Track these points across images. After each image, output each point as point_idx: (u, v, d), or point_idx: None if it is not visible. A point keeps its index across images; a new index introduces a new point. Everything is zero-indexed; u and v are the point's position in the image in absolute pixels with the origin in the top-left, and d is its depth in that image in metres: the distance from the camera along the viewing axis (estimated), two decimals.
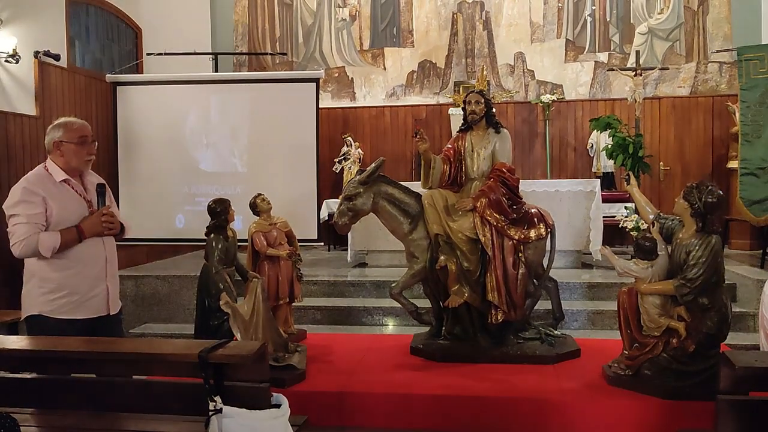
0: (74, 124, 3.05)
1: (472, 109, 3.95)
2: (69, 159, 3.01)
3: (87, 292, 3.00)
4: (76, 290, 2.97)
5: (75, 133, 3.01)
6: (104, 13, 7.26)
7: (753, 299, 4.93)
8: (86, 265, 2.99)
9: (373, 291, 5.65)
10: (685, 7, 8.14)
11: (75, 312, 2.97)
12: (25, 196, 2.92)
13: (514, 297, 3.73)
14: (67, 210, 2.96)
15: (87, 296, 3.00)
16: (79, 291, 2.98)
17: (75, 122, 3.07)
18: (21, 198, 2.92)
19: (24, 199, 2.92)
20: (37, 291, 2.97)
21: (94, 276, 3.02)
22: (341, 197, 3.88)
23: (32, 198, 2.91)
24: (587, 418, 3.08)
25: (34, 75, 6.02)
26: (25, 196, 2.92)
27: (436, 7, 8.62)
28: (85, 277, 2.99)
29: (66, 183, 3.01)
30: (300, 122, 6.65)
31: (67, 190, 3.01)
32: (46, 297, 2.95)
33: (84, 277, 2.99)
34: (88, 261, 3.00)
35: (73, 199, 3.01)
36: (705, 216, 3.05)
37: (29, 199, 2.91)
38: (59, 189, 2.98)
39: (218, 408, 1.99)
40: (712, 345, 3.10)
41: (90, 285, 3.00)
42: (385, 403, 3.23)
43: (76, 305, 2.98)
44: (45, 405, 2.29)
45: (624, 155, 6.65)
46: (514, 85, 8.48)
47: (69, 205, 2.97)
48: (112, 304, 3.09)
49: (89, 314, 3.00)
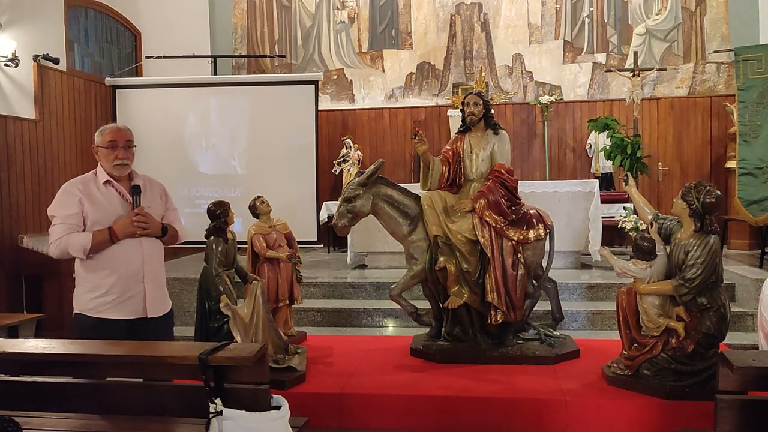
0: (106, 129, 3.10)
1: (471, 110, 3.96)
2: (102, 163, 3.07)
3: (123, 293, 3.00)
4: (112, 290, 2.99)
5: (105, 138, 3.06)
6: (103, 16, 7.27)
7: (752, 299, 4.94)
8: (121, 266, 3.00)
9: (373, 292, 5.66)
10: (682, 8, 8.16)
11: (112, 312, 2.99)
12: (63, 197, 3.01)
13: (513, 298, 3.74)
14: (106, 211, 2.99)
15: (123, 297, 3.00)
16: (114, 291, 2.99)
17: (109, 127, 3.13)
18: (59, 199, 3.02)
19: (61, 200, 3.01)
20: (81, 290, 3.04)
21: (129, 277, 3.01)
22: (341, 199, 3.88)
23: (68, 199, 2.99)
24: (587, 418, 3.08)
25: (34, 78, 6.03)
26: (63, 197, 3.01)
27: (434, 9, 8.64)
28: (119, 278, 3.00)
29: (109, 185, 3.04)
30: (299, 124, 6.66)
31: (110, 191, 3.04)
32: (87, 296, 3.01)
33: (118, 277, 3.00)
34: (123, 262, 3.00)
35: (114, 200, 3.03)
36: (703, 216, 3.06)
37: (65, 200, 2.99)
38: (101, 190, 3.02)
39: (218, 410, 1.99)
40: (710, 345, 3.11)
41: (125, 286, 3.01)
42: (385, 405, 3.24)
43: (113, 305, 2.99)
44: (47, 408, 2.30)
45: (622, 156, 6.66)
46: (513, 87, 8.49)
47: (107, 206, 3.00)
48: (151, 307, 3.06)
49: (126, 315, 3.00)
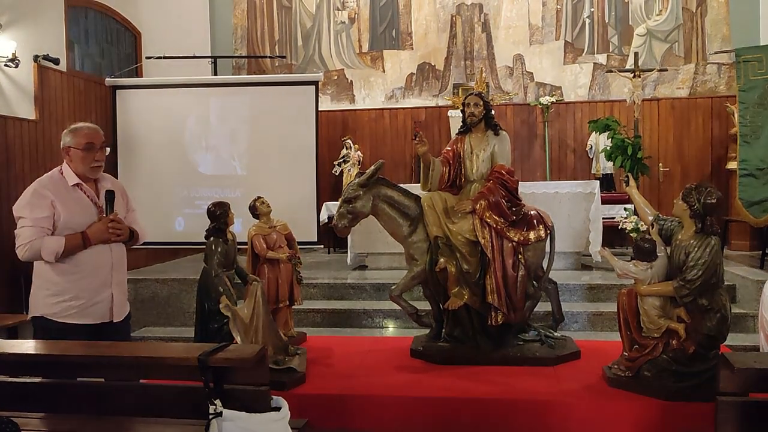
0: (82, 130, 3.02)
1: (471, 111, 3.95)
2: (76, 165, 3.00)
3: (91, 297, 2.98)
4: (80, 295, 2.96)
5: (82, 140, 2.99)
6: (103, 16, 7.27)
7: (753, 300, 4.94)
8: (91, 271, 2.97)
9: (373, 293, 5.66)
10: (683, 9, 8.16)
11: (78, 317, 2.96)
12: (34, 198, 2.92)
13: (513, 299, 3.73)
14: (76, 215, 2.95)
15: (91, 302, 2.98)
16: (82, 296, 2.96)
17: (83, 128, 3.04)
18: (29, 200, 2.92)
19: (32, 201, 2.91)
20: (42, 293, 2.97)
21: (99, 282, 3.00)
22: (341, 200, 3.88)
23: (40, 201, 2.91)
24: (587, 419, 3.07)
25: (34, 79, 6.03)
26: (34, 198, 2.92)
27: (434, 9, 8.64)
28: (89, 283, 2.97)
29: (78, 187, 3.00)
30: (299, 125, 6.66)
31: (78, 194, 3.00)
32: (51, 300, 2.94)
33: (88, 282, 2.97)
34: (94, 267, 2.98)
35: (83, 204, 3.00)
36: (704, 217, 3.05)
37: (37, 202, 2.90)
38: (70, 193, 2.97)
39: (218, 411, 1.99)
40: (711, 346, 3.10)
41: (94, 291, 2.99)
42: (385, 406, 3.23)
43: (80, 310, 2.97)
44: (46, 409, 2.29)
45: (623, 157, 6.66)
46: (513, 87, 8.49)
47: (78, 209, 2.96)
48: (116, 311, 3.07)
49: (92, 320, 2.99)
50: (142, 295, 5.76)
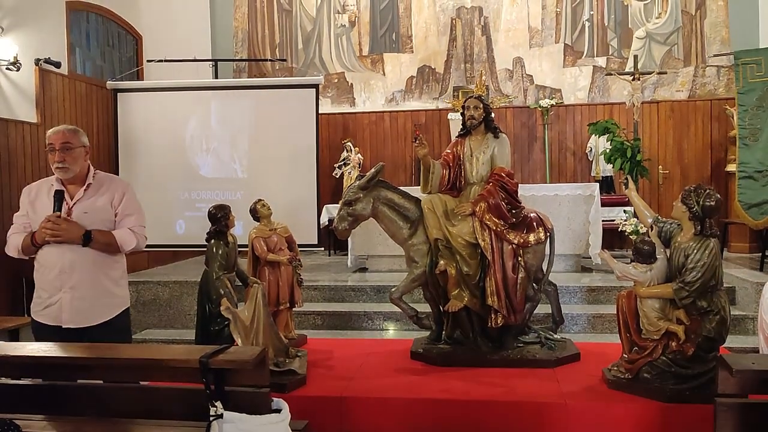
0: (49, 131, 3.09)
1: (471, 114, 3.96)
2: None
3: (46, 298, 3.03)
4: (40, 294, 3.05)
5: (47, 141, 3.06)
6: (105, 20, 7.29)
7: (752, 302, 4.94)
8: (45, 271, 3.03)
9: (374, 296, 5.66)
10: (682, 12, 8.18)
11: (40, 315, 3.04)
12: (21, 198, 3.13)
13: (513, 301, 3.74)
14: (41, 215, 3.00)
15: (46, 302, 3.03)
16: (41, 295, 3.05)
17: (52, 129, 3.11)
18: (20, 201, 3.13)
19: (20, 201, 3.13)
20: None
21: (50, 283, 3.02)
22: (341, 202, 3.89)
23: (21, 200, 3.12)
24: (587, 421, 3.08)
25: (35, 82, 6.05)
26: (21, 198, 3.13)
27: (434, 12, 8.66)
28: (44, 283, 3.02)
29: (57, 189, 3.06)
30: (300, 128, 6.68)
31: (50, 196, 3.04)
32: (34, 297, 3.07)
33: (44, 282, 3.03)
34: (46, 267, 3.03)
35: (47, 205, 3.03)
36: (703, 219, 3.05)
37: (21, 202, 3.12)
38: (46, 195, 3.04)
39: (219, 413, 2.00)
40: (711, 348, 3.10)
41: (48, 292, 3.02)
42: (385, 408, 3.23)
43: (41, 309, 3.04)
44: (47, 411, 2.30)
45: (622, 159, 6.67)
46: (513, 90, 8.51)
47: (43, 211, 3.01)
48: (68, 317, 3.00)
49: (47, 321, 3.02)
50: (144, 298, 5.78)
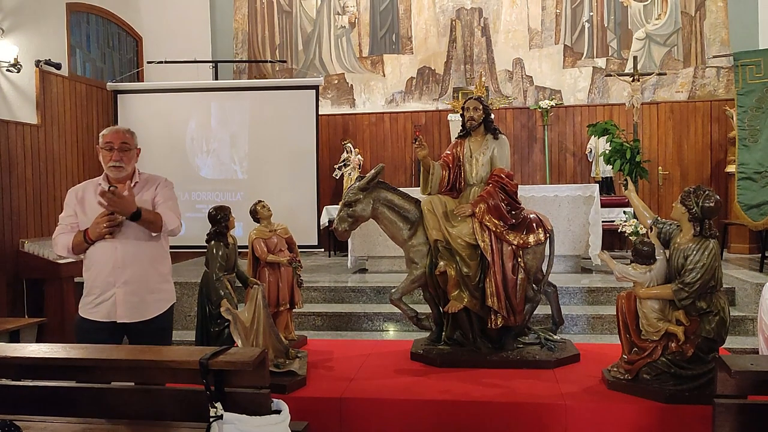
0: (105, 131, 3.19)
1: (471, 115, 3.97)
2: (102, 164, 3.15)
3: (99, 294, 3.08)
4: (91, 291, 3.10)
5: (103, 139, 3.14)
6: (105, 21, 7.30)
7: (752, 303, 4.95)
8: (97, 268, 3.09)
9: (373, 297, 5.67)
10: (682, 13, 8.19)
11: (91, 312, 3.09)
12: (66, 200, 3.18)
13: (513, 302, 3.74)
14: (91, 214, 3.06)
15: (99, 299, 3.08)
16: (92, 293, 3.10)
17: (109, 129, 3.20)
18: (65, 203, 3.18)
19: (65, 203, 3.18)
20: None
21: (104, 280, 3.08)
22: (341, 203, 3.89)
23: (67, 202, 3.17)
24: (587, 422, 3.08)
25: (36, 84, 6.06)
26: (66, 200, 3.18)
27: (434, 14, 8.67)
28: (97, 280, 3.08)
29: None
30: (300, 129, 6.68)
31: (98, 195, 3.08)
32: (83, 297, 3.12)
33: (96, 279, 3.08)
34: (99, 264, 3.08)
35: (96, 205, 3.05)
36: (702, 220, 3.06)
37: (66, 204, 3.17)
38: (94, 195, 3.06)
39: (219, 414, 2.00)
40: (710, 349, 3.11)
41: (102, 288, 3.08)
42: (385, 409, 3.24)
43: (92, 306, 3.09)
44: (48, 412, 2.30)
45: (621, 160, 6.68)
46: (513, 91, 8.52)
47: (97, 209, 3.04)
48: (123, 312, 3.08)
49: (100, 317, 3.07)
50: None
